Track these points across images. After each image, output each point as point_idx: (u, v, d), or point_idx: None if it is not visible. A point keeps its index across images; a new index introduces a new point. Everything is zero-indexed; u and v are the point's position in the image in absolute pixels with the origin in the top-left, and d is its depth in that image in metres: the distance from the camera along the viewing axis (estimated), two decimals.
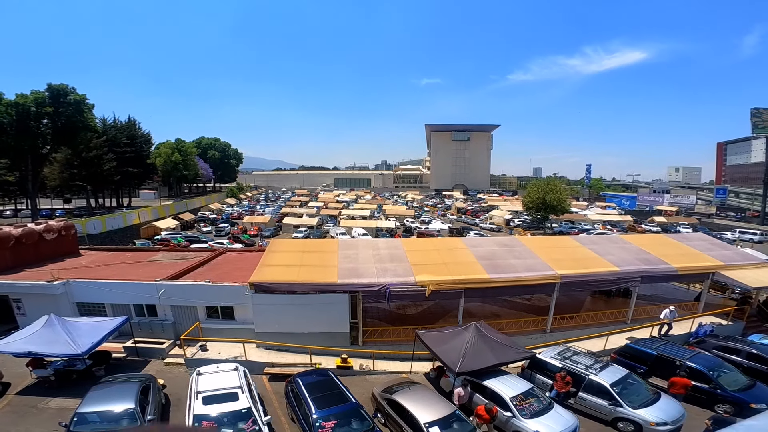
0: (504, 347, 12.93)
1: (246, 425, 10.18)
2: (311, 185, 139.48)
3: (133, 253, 23.71)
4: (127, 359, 15.52)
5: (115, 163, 55.75)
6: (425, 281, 15.52)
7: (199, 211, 65.34)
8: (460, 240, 21.60)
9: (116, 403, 10.98)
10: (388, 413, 11.35)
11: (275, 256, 17.76)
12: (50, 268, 17.94)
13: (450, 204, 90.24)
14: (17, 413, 12.38)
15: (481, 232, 52.57)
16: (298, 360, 15.02)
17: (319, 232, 47.99)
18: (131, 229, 44.30)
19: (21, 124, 37.43)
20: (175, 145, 72.56)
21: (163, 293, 15.69)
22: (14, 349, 12.96)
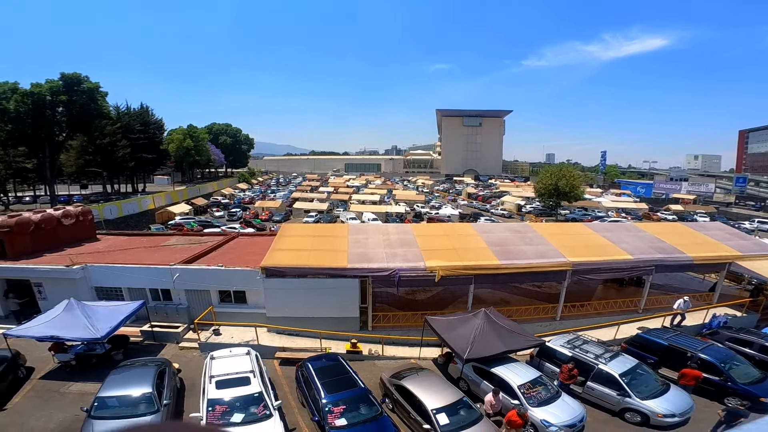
0: (513, 334, 12.91)
1: (257, 409, 10.36)
2: (321, 170, 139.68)
3: (148, 238, 24.11)
4: (144, 343, 15.86)
5: (129, 149, 56.53)
6: (435, 267, 15.52)
7: (211, 196, 66.13)
8: (470, 226, 21.45)
9: (134, 387, 11.19)
10: (396, 399, 11.49)
11: (286, 240, 17.89)
12: (69, 253, 18.40)
13: (461, 189, 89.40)
14: (41, 398, 12.72)
15: (492, 218, 52.15)
16: (308, 344, 15.26)
17: (330, 217, 48.23)
18: (146, 214, 45.15)
19: (37, 112, 38.07)
20: (187, 131, 73.11)
21: (177, 277, 16.01)
22: (37, 333, 13.21)
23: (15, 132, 38.27)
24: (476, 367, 12.60)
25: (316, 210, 51.22)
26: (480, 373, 12.47)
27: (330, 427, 9.90)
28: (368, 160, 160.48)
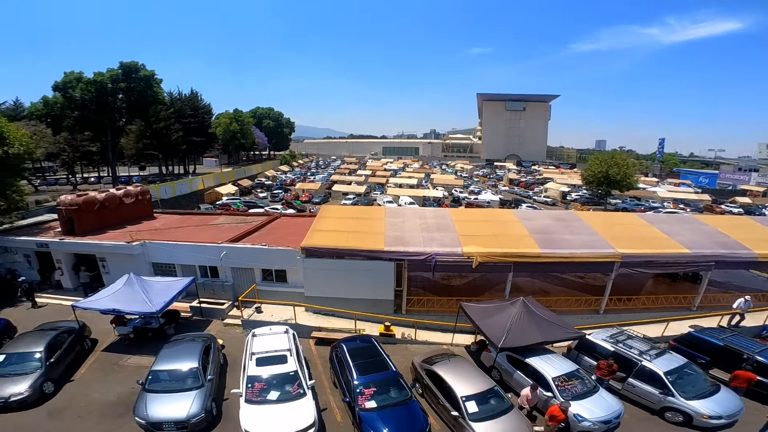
0: (551, 325, 12.55)
1: (292, 388, 10.67)
2: (360, 153, 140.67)
3: (198, 217, 25.47)
4: (192, 319, 16.70)
5: (182, 132, 59.80)
6: (473, 252, 15.27)
7: (255, 177, 68.90)
8: (511, 212, 20.78)
9: (183, 362, 11.67)
10: (426, 384, 11.53)
11: (325, 221, 18.25)
12: (129, 230, 19.87)
13: (502, 175, 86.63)
14: (103, 370, 13.40)
15: (535, 205, 50.21)
16: (343, 325, 15.65)
17: (367, 200, 48.72)
18: (197, 194, 47.90)
19: (100, 99, 41.10)
20: (233, 115, 76.03)
21: (224, 255, 16.90)
22: (100, 306, 13.94)
23: (81, 118, 41.67)
24: (510, 356, 12.40)
25: (354, 193, 51.90)
26: (514, 363, 12.28)
27: (360, 408, 10.05)
28: (406, 143, 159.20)
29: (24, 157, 20.18)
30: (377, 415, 9.89)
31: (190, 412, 10.28)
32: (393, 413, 10.01)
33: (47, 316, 15.90)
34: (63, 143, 45.22)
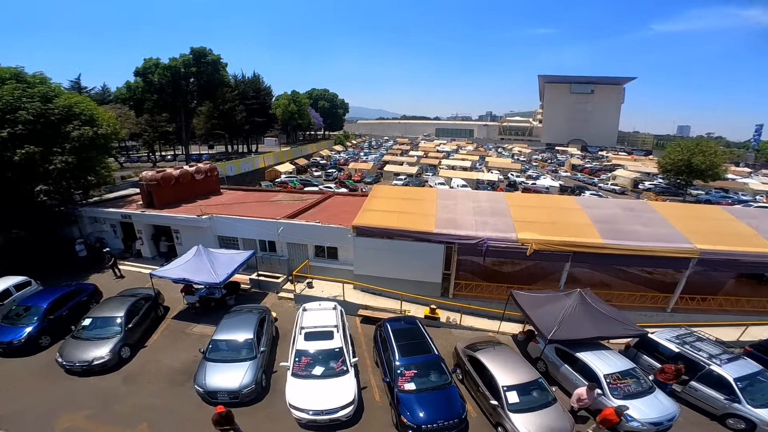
0: (609, 320, 11.82)
1: (336, 364, 10.93)
2: (412, 134, 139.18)
3: (259, 194, 26.93)
4: (250, 291, 17.66)
5: (245, 113, 63.16)
6: (528, 239, 14.66)
7: (311, 156, 71.25)
8: (573, 199, 19.48)
9: (240, 332, 12.08)
10: (467, 370, 11.43)
11: (377, 201, 18.42)
12: (199, 204, 21.60)
13: (563, 160, 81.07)
14: (172, 337, 14.16)
15: (600, 192, 46.59)
16: (389, 305, 15.91)
17: (418, 181, 48.36)
18: (258, 172, 50.62)
19: (175, 83, 44.47)
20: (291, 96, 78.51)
21: (281, 231, 17.84)
22: (173, 275, 14.69)
23: (159, 101, 45.51)
24: (559, 349, 11.92)
25: (406, 173, 51.75)
26: (562, 356, 11.79)
27: (399, 389, 10.15)
28: (460, 125, 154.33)
29: (111, 138, 22.18)
30: (415, 397, 9.97)
31: (242, 382, 10.67)
32: (431, 397, 10.03)
33: (128, 282, 17.70)
34: (144, 124, 49.96)
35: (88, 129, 19.28)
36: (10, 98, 17.14)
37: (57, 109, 18.65)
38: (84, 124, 19.39)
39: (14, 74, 18.78)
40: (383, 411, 10.68)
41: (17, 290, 15.44)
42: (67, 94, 21.06)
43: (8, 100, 17.06)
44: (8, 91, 17.30)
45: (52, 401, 10.78)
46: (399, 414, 9.67)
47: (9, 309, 13.96)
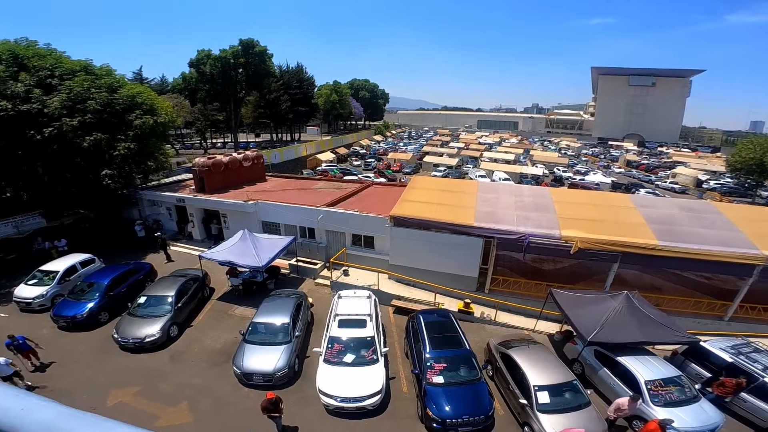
0: (657, 325, 11.19)
1: (367, 353, 11.03)
2: (453, 126, 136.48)
3: (301, 181, 27.71)
4: (289, 276, 18.24)
5: (289, 103, 64.97)
6: (573, 237, 14.02)
7: (351, 146, 72.12)
8: (626, 197, 18.31)
9: (277, 316, 12.35)
10: (498, 367, 11.20)
11: (415, 192, 18.34)
12: (246, 190, 22.53)
13: (617, 155, 76.05)
14: (215, 317, 14.68)
15: (657, 191, 43.35)
16: (423, 297, 15.88)
17: (458, 173, 47.51)
18: (300, 160, 52.06)
19: (225, 73, 46.63)
20: (333, 86, 79.63)
21: (321, 218, 18.29)
22: (220, 258, 15.21)
23: (211, 90, 48.00)
24: (599, 352, 11.41)
25: (446, 165, 50.99)
26: (601, 359, 11.31)
27: (427, 382, 10.12)
28: (504, 117, 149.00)
29: (168, 126, 23.70)
30: (443, 390, 9.92)
31: (276, 365, 10.93)
32: (459, 391, 9.94)
33: (179, 263, 18.86)
34: (197, 113, 52.89)
35: (148, 118, 20.73)
36: (80, 89, 18.72)
37: (121, 99, 20.18)
38: (145, 113, 20.86)
39: (84, 66, 20.49)
40: (410, 402, 10.73)
41: (82, 267, 16.60)
42: (131, 84, 22.67)
43: (78, 91, 18.63)
44: (78, 82, 18.89)
45: (105, 377, 11.37)
46: (425, 406, 9.69)
47: (74, 285, 15.06)
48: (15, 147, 17.80)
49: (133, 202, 23.17)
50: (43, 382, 11.09)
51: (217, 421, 9.91)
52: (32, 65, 18.67)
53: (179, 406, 10.34)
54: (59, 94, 18.14)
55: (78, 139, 18.18)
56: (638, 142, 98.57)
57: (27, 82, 17.70)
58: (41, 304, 14.76)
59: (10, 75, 17.61)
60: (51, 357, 11.96)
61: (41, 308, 14.74)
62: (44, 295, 14.85)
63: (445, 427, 9.33)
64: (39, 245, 18.87)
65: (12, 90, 17.11)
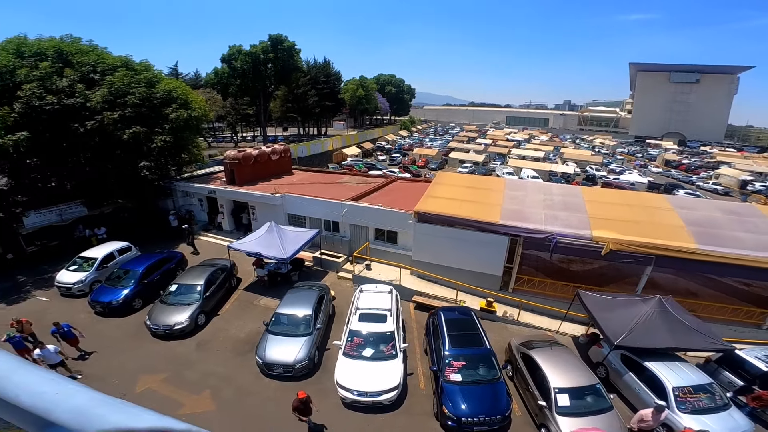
0: (690, 331, 10.73)
1: (386, 348, 11.02)
2: (480, 122, 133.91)
3: (327, 175, 28.00)
4: (313, 268, 18.44)
5: (316, 98, 65.72)
6: (604, 238, 13.51)
7: (376, 141, 72.23)
8: (664, 198, 17.42)
9: (300, 308, 12.50)
10: (518, 367, 11.00)
11: (440, 188, 18.16)
12: (273, 183, 22.99)
13: (656, 154, 72.39)
14: (241, 307, 14.94)
15: (698, 192, 41.01)
16: (444, 294, 15.74)
17: (485, 170, 46.70)
18: (326, 154, 52.64)
19: (255, 68, 47.61)
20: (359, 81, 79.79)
21: (345, 212, 18.44)
22: (247, 249, 15.43)
23: (241, 85, 49.19)
24: (626, 356, 11.05)
25: (472, 161, 50.21)
26: (628, 364, 10.94)
27: (445, 379, 10.03)
28: (534, 114, 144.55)
29: (202, 119, 24.48)
30: (460, 389, 9.82)
31: (296, 357, 11.06)
32: (476, 390, 9.83)
33: (209, 253, 19.41)
34: (228, 107, 54.40)
35: (183, 111, 21.50)
36: (121, 84, 19.60)
37: (159, 93, 21.01)
38: (180, 107, 21.65)
39: (124, 62, 21.44)
40: (426, 399, 10.69)
41: (120, 254, 17.27)
42: (167, 79, 23.55)
43: (119, 86, 19.52)
44: (119, 77, 19.78)
45: (136, 362, 11.71)
46: (441, 404, 9.64)
47: (112, 271, 15.67)
48: (60, 139, 18.87)
49: (167, 193, 24.12)
50: (80, 367, 11.57)
51: (238, 411, 10.11)
52: (76, 61, 19.67)
53: (202, 395, 10.59)
54: (101, 89, 19.08)
55: (118, 132, 19.04)
56: (679, 140, 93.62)
57: (71, 78, 18.68)
58: (80, 290, 15.40)
59: (56, 71, 18.63)
60: (87, 342, 12.40)
61: (80, 293, 15.39)
62: (83, 280, 15.54)
63: (460, 425, 9.26)
64: (80, 233, 20.03)
65: (57, 85, 18.11)
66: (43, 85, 17.76)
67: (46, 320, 13.23)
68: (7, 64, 17.58)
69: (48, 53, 19.16)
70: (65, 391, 0.78)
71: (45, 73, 18.01)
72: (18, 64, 17.94)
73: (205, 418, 9.81)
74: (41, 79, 17.80)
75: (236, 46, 47.85)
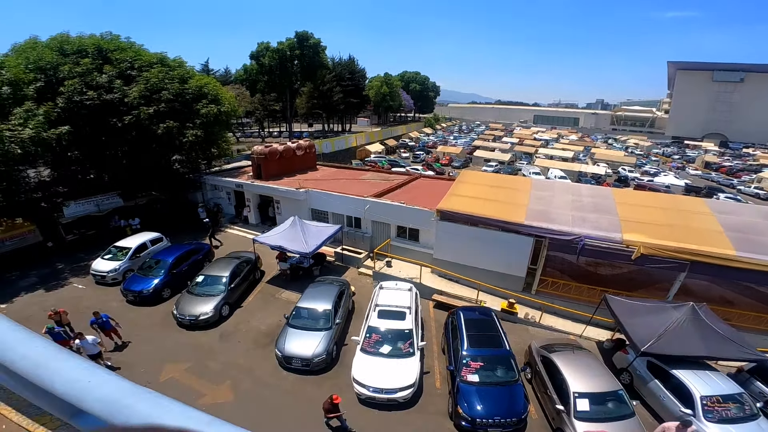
0: (723, 340, 10.29)
1: (403, 345, 10.99)
2: (507, 120, 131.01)
3: (350, 171, 28.16)
4: (334, 263, 18.63)
5: (341, 94, 66.16)
6: (635, 241, 12.98)
7: (400, 138, 72.04)
8: (702, 201, 16.53)
9: (320, 302, 12.59)
10: (537, 370, 10.75)
11: (464, 186, 17.93)
12: (297, 178, 23.29)
13: (694, 156, 68.74)
14: (263, 300, 15.14)
15: (739, 196, 38.70)
16: (465, 293, 15.56)
17: (511, 169, 45.73)
18: (350, 150, 52.94)
19: (281, 65, 48.40)
20: (384, 79, 79.69)
21: (367, 208, 18.50)
22: (272, 242, 15.67)
23: (269, 82, 50.11)
24: (652, 363, 10.67)
25: (497, 160, 49.29)
26: (654, 371, 10.56)
27: (461, 380, 9.91)
28: (563, 113, 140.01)
29: (231, 115, 24.99)
30: (476, 389, 9.71)
31: (315, 351, 11.13)
32: (493, 392, 9.69)
33: (235, 245, 19.77)
34: (256, 103, 55.57)
35: (213, 107, 22.09)
36: (156, 80, 20.34)
37: (191, 89, 21.68)
38: (210, 103, 22.26)
39: (159, 59, 22.22)
40: (441, 398, 10.62)
41: (152, 245, 17.79)
42: (199, 76, 24.22)
43: (154, 82, 20.26)
44: (154, 73, 20.52)
45: (162, 352, 11.93)
46: (456, 404, 9.55)
47: (144, 261, 16.15)
48: (99, 133, 19.81)
49: (197, 186, 24.94)
50: (113, 356, 11.79)
51: (256, 402, 10.27)
52: (114, 58, 20.55)
53: (223, 385, 10.78)
54: (137, 85, 19.87)
55: (153, 127, 19.78)
56: (720, 142, 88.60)
57: (110, 74, 19.54)
58: (114, 278, 15.88)
59: (96, 67, 19.52)
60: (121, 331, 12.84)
61: (113, 282, 15.87)
62: (117, 269, 16.05)
63: (474, 426, 9.17)
64: (115, 223, 20.99)
65: (97, 81, 18.99)
66: (84, 81, 18.65)
67: (82, 307, 13.91)
68: (51, 61, 18.56)
69: (89, 50, 20.07)
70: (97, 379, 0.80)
71: (86, 70, 18.91)
72: (61, 61, 18.91)
73: (224, 408, 9.96)
74: (82, 75, 18.70)
75: (264, 43, 48.77)
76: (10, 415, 2.96)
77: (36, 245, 18.08)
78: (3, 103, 15.52)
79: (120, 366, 11.41)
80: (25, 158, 16.37)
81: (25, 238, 17.70)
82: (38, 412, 0.78)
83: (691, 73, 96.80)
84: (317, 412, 9.55)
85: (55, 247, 18.90)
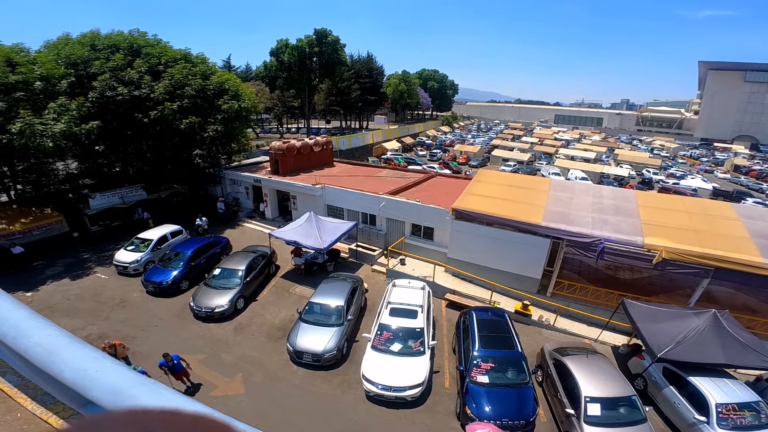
0: (744, 348, 9.99)
1: (414, 344, 10.96)
2: (527, 119, 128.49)
3: (366, 168, 28.27)
4: (348, 260, 18.71)
5: (359, 92, 66.24)
6: (657, 246, 12.59)
7: (417, 136, 71.64)
8: (729, 206, 15.89)
9: (333, 298, 12.61)
10: (549, 373, 10.58)
11: (481, 186, 17.74)
12: (314, 174, 23.55)
13: (723, 159, 65.93)
14: (278, 294, 15.30)
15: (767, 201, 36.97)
16: (478, 293, 15.42)
17: (529, 169, 44.88)
18: (367, 147, 52.95)
19: (300, 62, 48.81)
20: (401, 76, 79.33)
21: (383, 206, 18.51)
22: (287, 237, 15.82)
23: (288, 78, 50.64)
24: (668, 370, 10.40)
25: (516, 160, 48.48)
26: (669, 377, 10.30)
27: (471, 380, 9.84)
28: (586, 113, 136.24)
29: (251, 111, 25.41)
30: (485, 390, 9.62)
31: (326, 347, 11.20)
32: (502, 393, 9.59)
33: (251, 239, 20.16)
34: (276, 99, 56.23)
35: (234, 103, 22.47)
36: (180, 76, 20.81)
37: (212, 85, 22.11)
38: (231, 99, 22.65)
39: (184, 55, 22.73)
40: (450, 398, 10.57)
41: (172, 237, 18.26)
42: (220, 72, 24.69)
43: (178, 78, 20.74)
44: (179, 70, 21.00)
45: (179, 343, 12.07)
46: (464, 404, 9.49)
47: (164, 253, 16.61)
48: (125, 128, 20.44)
49: (217, 180, 25.45)
50: (129, 345, 11.68)
51: (266, 396, 10.35)
52: (145, 53, 21.11)
53: (235, 378, 10.90)
54: (163, 80, 20.37)
55: (176, 122, 20.26)
56: (751, 144, 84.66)
57: (140, 70, 20.07)
58: (135, 269, 16.30)
59: (127, 63, 20.10)
60: (138, 320, 12.98)
61: (135, 273, 16.28)
62: (139, 260, 16.48)
63: None
64: (138, 215, 21.63)
65: (128, 77, 19.56)
66: (116, 76, 19.22)
67: (104, 296, 14.33)
68: (82, 56, 19.21)
69: (121, 46, 20.65)
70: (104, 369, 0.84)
71: (118, 65, 19.49)
72: (93, 56, 19.54)
73: (235, 401, 10.10)
74: (114, 71, 19.27)
75: (284, 40, 49.25)
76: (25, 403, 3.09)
77: (63, 235, 18.76)
78: (36, 98, 16.15)
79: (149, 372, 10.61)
80: (55, 152, 16.96)
81: (53, 228, 18.38)
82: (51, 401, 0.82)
83: (722, 74, 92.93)
84: (326, 407, 9.65)
85: (81, 237, 19.58)
